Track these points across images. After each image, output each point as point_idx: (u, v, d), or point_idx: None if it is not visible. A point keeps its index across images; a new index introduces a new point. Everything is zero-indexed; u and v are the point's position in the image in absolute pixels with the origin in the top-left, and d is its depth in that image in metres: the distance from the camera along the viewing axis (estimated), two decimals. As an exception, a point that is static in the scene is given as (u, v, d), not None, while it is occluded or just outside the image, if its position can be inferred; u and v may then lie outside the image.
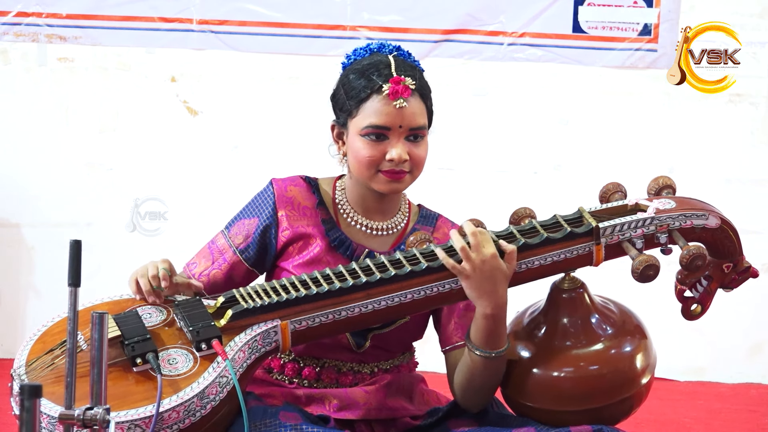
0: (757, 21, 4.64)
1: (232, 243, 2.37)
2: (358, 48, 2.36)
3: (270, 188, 2.39)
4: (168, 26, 4.58)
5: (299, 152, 4.46)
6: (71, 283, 1.75)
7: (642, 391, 2.25)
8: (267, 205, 2.37)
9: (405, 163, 2.27)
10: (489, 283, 2.15)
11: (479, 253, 2.14)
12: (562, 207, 2.44)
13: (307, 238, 2.35)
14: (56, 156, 4.65)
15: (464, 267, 2.15)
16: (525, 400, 2.25)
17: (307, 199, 2.38)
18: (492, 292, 2.16)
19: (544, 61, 4.63)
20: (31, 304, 4.68)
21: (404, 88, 2.26)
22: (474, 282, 2.15)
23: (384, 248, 2.37)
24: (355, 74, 2.30)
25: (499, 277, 2.16)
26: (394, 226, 2.39)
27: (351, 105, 2.29)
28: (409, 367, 2.43)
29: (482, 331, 2.20)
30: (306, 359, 2.34)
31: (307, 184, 2.40)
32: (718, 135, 4.69)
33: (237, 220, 2.39)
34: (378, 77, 2.27)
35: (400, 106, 2.26)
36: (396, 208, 2.40)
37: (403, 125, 2.27)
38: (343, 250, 2.34)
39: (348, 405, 2.31)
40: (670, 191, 2.31)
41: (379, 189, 2.30)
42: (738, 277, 2.32)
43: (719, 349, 4.68)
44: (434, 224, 2.42)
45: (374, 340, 2.35)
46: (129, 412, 2.01)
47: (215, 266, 2.36)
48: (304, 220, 2.36)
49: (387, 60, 2.30)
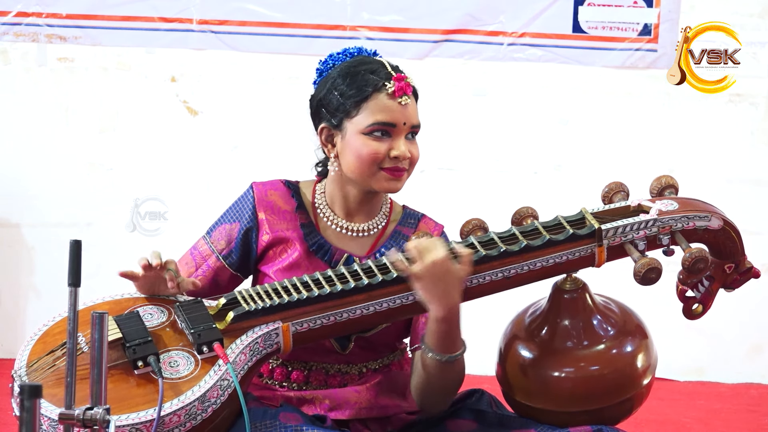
0: (757, 21, 4.64)
1: (215, 248, 2.37)
2: (335, 53, 2.38)
3: (250, 192, 2.39)
4: (168, 26, 4.58)
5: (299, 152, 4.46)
6: (71, 283, 1.75)
7: (643, 392, 2.25)
8: (247, 209, 2.37)
9: (406, 160, 2.29)
10: (440, 285, 2.13)
11: (430, 254, 2.13)
12: (562, 207, 2.44)
13: (286, 242, 2.35)
14: (56, 156, 4.65)
15: (414, 268, 2.14)
16: (526, 400, 2.25)
17: (286, 203, 2.38)
18: (443, 295, 2.14)
19: (544, 61, 4.63)
20: (31, 304, 4.68)
21: (407, 85, 2.29)
22: (424, 284, 2.14)
23: (363, 251, 2.37)
24: (348, 75, 2.30)
25: (451, 280, 2.14)
26: (374, 226, 2.39)
27: (349, 105, 2.29)
28: (400, 365, 2.42)
29: (435, 334, 2.18)
30: (293, 363, 2.34)
31: (286, 188, 2.40)
32: (718, 135, 4.70)
33: (218, 225, 2.39)
34: (378, 76, 2.28)
35: (405, 103, 2.28)
36: (378, 209, 2.40)
37: (407, 122, 2.29)
38: (321, 254, 2.34)
39: (339, 405, 2.31)
40: (672, 191, 2.30)
41: (377, 187, 2.30)
42: (740, 278, 2.32)
43: (719, 349, 4.69)
44: (416, 225, 2.42)
45: (358, 342, 2.35)
46: (130, 416, 2.01)
47: (199, 272, 2.36)
48: (284, 224, 2.36)
49: (379, 60, 2.33)
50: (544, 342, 2.26)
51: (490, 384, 2.39)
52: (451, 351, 2.20)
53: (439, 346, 2.19)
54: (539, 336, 2.27)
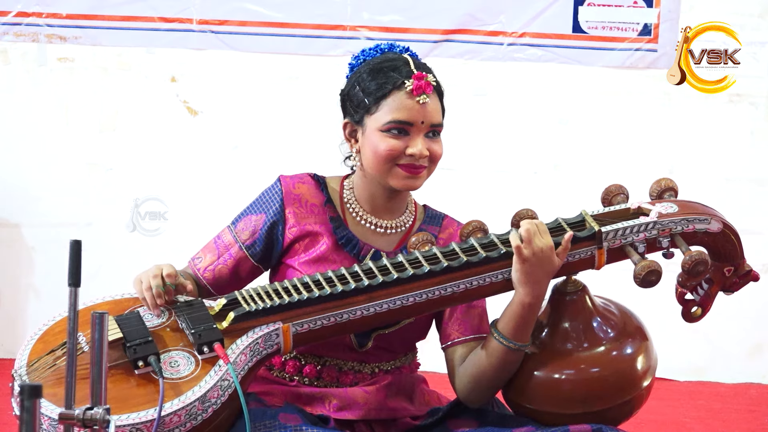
0: (757, 21, 4.64)
1: (239, 238, 2.37)
2: (367, 48, 2.38)
3: (278, 185, 2.39)
4: (168, 26, 4.58)
5: (299, 152, 4.46)
6: (71, 283, 1.75)
7: (643, 394, 2.25)
8: (274, 202, 2.37)
9: (424, 158, 2.28)
10: (540, 271, 2.17)
11: (542, 239, 2.16)
12: (561, 207, 2.44)
13: (315, 235, 2.35)
14: (56, 156, 4.65)
15: (524, 250, 2.16)
16: (526, 402, 2.25)
17: (315, 196, 2.38)
18: (538, 281, 2.17)
19: (544, 61, 4.63)
20: (31, 304, 4.68)
21: (427, 84, 2.28)
22: (528, 267, 2.16)
23: (390, 247, 2.37)
24: (372, 72, 2.31)
25: (548, 269, 2.18)
26: (402, 224, 2.40)
27: (369, 102, 2.29)
28: (410, 368, 2.43)
29: (515, 319, 2.20)
30: (308, 357, 2.34)
31: (315, 181, 2.40)
32: (718, 135, 4.69)
33: (244, 215, 2.39)
34: (399, 74, 2.28)
35: (423, 102, 2.28)
36: (404, 207, 2.41)
37: (425, 121, 2.28)
38: (350, 248, 2.34)
39: (348, 405, 2.31)
40: (672, 194, 2.30)
41: (394, 185, 2.30)
42: (739, 281, 2.32)
43: (719, 349, 4.69)
44: (440, 224, 2.42)
45: (377, 341, 2.35)
46: (130, 416, 2.01)
47: (221, 261, 2.37)
48: (312, 218, 2.36)
49: (404, 58, 2.33)
50: (544, 344, 2.26)
51: (491, 384, 2.39)
52: (524, 339, 2.21)
53: (515, 333, 2.20)
54: (539, 338, 2.27)
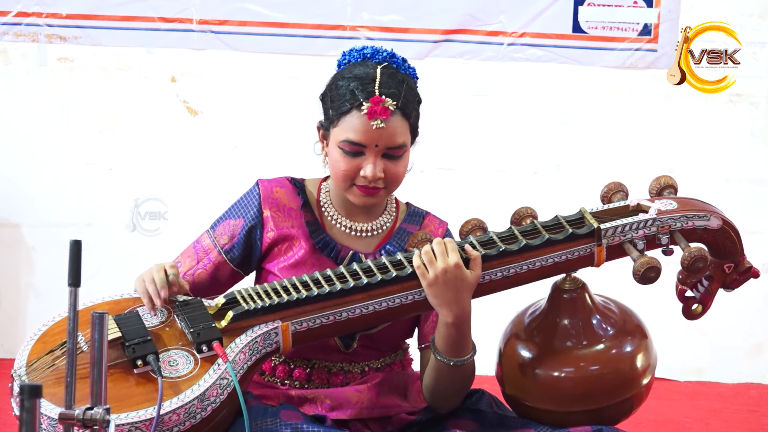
0: (757, 21, 4.64)
1: (217, 243, 2.37)
2: (354, 50, 2.34)
3: (256, 189, 2.38)
4: (168, 26, 4.58)
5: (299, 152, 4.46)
6: (71, 283, 1.75)
7: (642, 392, 2.25)
8: (252, 206, 2.37)
9: (379, 180, 2.26)
10: (451, 291, 2.15)
11: (442, 260, 2.14)
12: (562, 207, 2.44)
13: (292, 239, 2.35)
14: (56, 156, 4.64)
15: (426, 273, 2.15)
16: (525, 400, 2.25)
17: (292, 200, 2.38)
18: (454, 301, 2.15)
19: (544, 61, 4.63)
20: (31, 304, 4.68)
21: (383, 110, 2.23)
22: (435, 290, 2.15)
23: (368, 249, 2.36)
24: (343, 82, 2.28)
25: (461, 287, 2.15)
26: (379, 227, 2.39)
27: (333, 115, 2.28)
28: (402, 365, 2.43)
29: (445, 339, 2.20)
30: (296, 361, 2.34)
31: (292, 185, 2.39)
32: (718, 135, 4.70)
33: (222, 220, 2.39)
34: (361, 92, 2.24)
35: (378, 127, 2.24)
36: (380, 210, 2.40)
37: (379, 144, 2.25)
38: (327, 252, 2.34)
39: (340, 405, 2.31)
40: (671, 191, 2.30)
41: (353, 200, 2.30)
42: (739, 278, 2.32)
43: (719, 349, 4.69)
44: (421, 222, 2.42)
45: (362, 340, 2.35)
46: (129, 415, 2.01)
47: (200, 266, 2.36)
48: (289, 222, 2.36)
49: (373, 74, 2.26)
50: (544, 342, 2.26)
51: (490, 384, 2.39)
52: (461, 355, 2.21)
53: (449, 350, 2.20)
54: (539, 336, 2.27)
